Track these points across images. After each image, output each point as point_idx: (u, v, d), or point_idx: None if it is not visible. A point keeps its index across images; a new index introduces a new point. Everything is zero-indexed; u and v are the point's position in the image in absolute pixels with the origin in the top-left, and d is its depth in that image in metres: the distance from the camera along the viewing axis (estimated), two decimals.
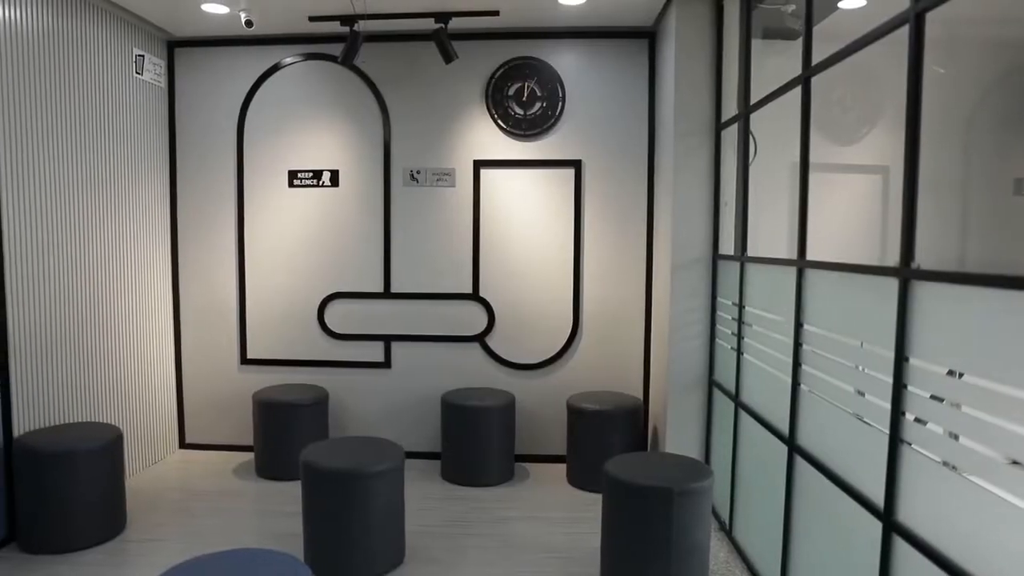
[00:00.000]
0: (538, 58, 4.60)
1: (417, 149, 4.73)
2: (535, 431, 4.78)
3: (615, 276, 4.69)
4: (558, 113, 4.61)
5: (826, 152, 2.94)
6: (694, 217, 3.96)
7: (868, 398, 2.18)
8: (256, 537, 3.60)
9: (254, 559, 2.30)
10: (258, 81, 4.77)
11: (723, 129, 3.81)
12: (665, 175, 4.19)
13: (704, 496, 2.95)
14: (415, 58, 4.66)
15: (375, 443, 3.47)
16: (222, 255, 4.90)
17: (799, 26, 2.75)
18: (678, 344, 4.00)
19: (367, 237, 4.78)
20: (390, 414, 4.87)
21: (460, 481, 4.37)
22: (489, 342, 4.77)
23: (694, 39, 3.87)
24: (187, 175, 4.88)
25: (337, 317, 4.84)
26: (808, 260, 2.63)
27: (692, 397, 4.02)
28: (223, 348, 4.95)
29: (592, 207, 4.67)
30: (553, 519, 3.86)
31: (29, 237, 3.61)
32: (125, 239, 4.39)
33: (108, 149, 4.21)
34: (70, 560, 3.32)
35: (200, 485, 4.34)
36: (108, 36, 4.19)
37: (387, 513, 3.22)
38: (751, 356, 3.31)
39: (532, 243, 4.70)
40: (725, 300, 3.74)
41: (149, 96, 4.62)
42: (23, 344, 3.57)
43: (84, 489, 3.42)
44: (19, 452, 3.39)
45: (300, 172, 4.79)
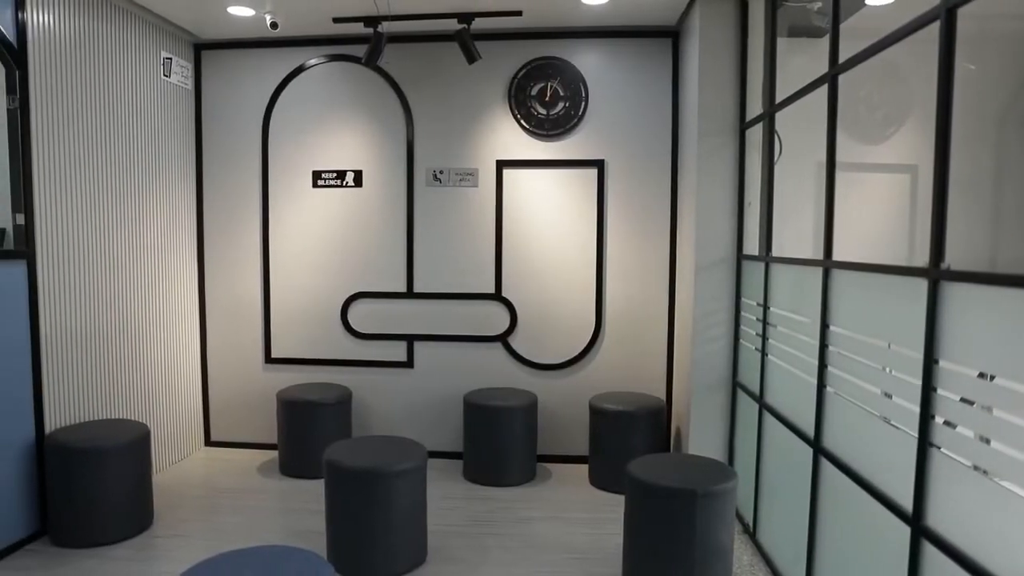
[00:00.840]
0: (561, 58, 4.59)
1: (440, 149, 4.74)
2: (557, 431, 4.78)
3: (638, 276, 4.67)
4: (581, 113, 4.60)
5: (852, 151, 2.90)
6: (718, 217, 3.93)
7: (895, 400, 2.15)
8: (280, 534, 3.63)
9: (278, 556, 2.32)
10: (283, 82, 4.82)
11: (747, 128, 3.77)
12: (689, 175, 4.17)
13: (728, 498, 2.93)
14: (438, 58, 4.67)
15: (398, 442, 3.49)
16: (247, 255, 4.95)
17: (825, 23, 2.72)
18: (702, 345, 3.98)
19: (390, 237, 4.81)
20: (412, 413, 4.89)
21: (482, 481, 4.37)
22: (511, 342, 4.77)
23: (718, 38, 3.84)
24: (213, 176, 4.94)
25: (360, 317, 4.87)
26: (834, 260, 2.60)
27: (716, 398, 3.98)
28: (248, 347, 5.00)
29: (615, 207, 4.65)
30: (575, 519, 3.85)
31: (61, 238, 3.67)
32: (153, 239, 4.45)
33: (136, 150, 4.27)
34: (99, 554, 3.38)
35: (225, 482, 4.39)
36: (137, 40, 4.25)
37: (409, 512, 3.23)
38: (776, 357, 3.27)
39: (555, 243, 4.69)
40: (749, 301, 3.71)
41: (176, 98, 4.68)
42: (54, 342, 3.64)
43: (112, 485, 3.48)
44: (51, 448, 3.45)
45: (324, 172, 4.83)
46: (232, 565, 2.25)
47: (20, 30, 3.40)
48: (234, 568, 2.23)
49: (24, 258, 3.45)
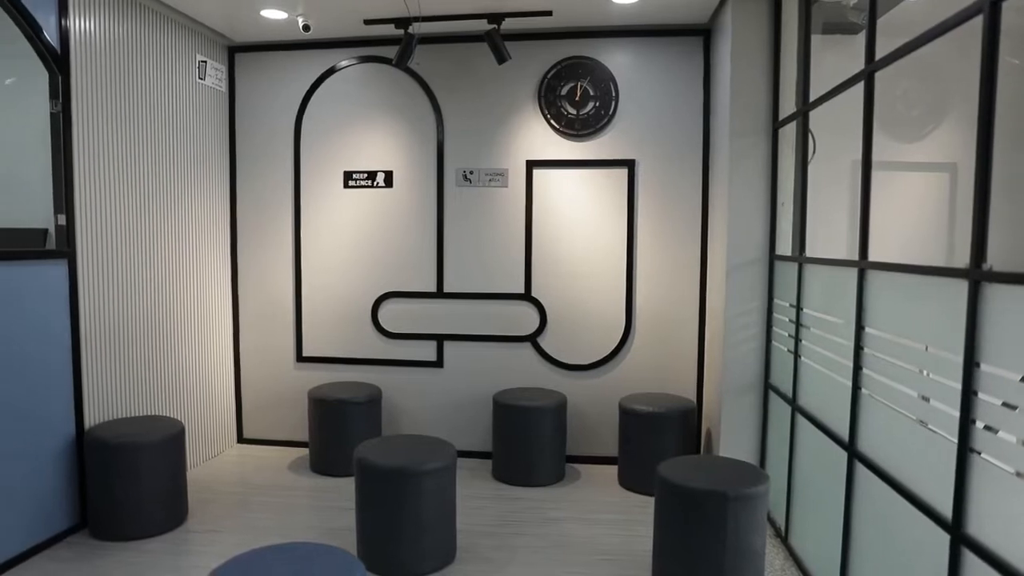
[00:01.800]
0: (591, 57, 4.58)
1: (470, 149, 4.76)
2: (587, 432, 4.76)
3: (669, 277, 4.64)
4: (611, 113, 4.58)
5: (889, 149, 2.85)
6: (750, 217, 3.88)
7: (933, 404, 2.11)
8: (310, 532, 3.67)
9: (310, 553, 2.35)
10: (314, 84, 4.87)
11: (780, 127, 3.72)
12: (720, 174, 4.12)
13: (760, 501, 2.89)
14: (468, 59, 4.69)
15: (428, 441, 3.51)
16: (279, 255, 5.02)
17: (861, 20, 2.67)
18: (733, 346, 3.93)
19: (420, 237, 4.83)
20: (442, 413, 4.91)
21: (511, 481, 4.37)
22: (541, 342, 4.77)
23: (750, 36, 3.80)
24: (246, 177, 5.01)
25: (390, 316, 4.91)
26: (870, 261, 2.55)
27: (747, 400, 3.94)
28: (280, 346, 5.07)
29: (645, 207, 4.63)
30: (604, 521, 3.84)
31: (100, 238, 3.76)
32: (188, 239, 4.53)
33: (172, 152, 4.35)
34: (136, 547, 3.45)
35: (257, 479, 4.45)
36: (173, 43, 4.33)
37: (439, 511, 3.24)
38: (809, 359, 3.22)
39: (584, 243, 4.68)
40: (782, 301, 3.66)
41: (211, 100, 4.76)
42: (94, 341, 3.72)
43: (149, 480, 3.55)
44: (90, 443, 3.53)
45: (355, 173, 4.87)
46: (265, 561, 2.28)
47: (63, 36, 3.48)
48: (267, 564, 2.26)
49: (65, 258, 3.53)
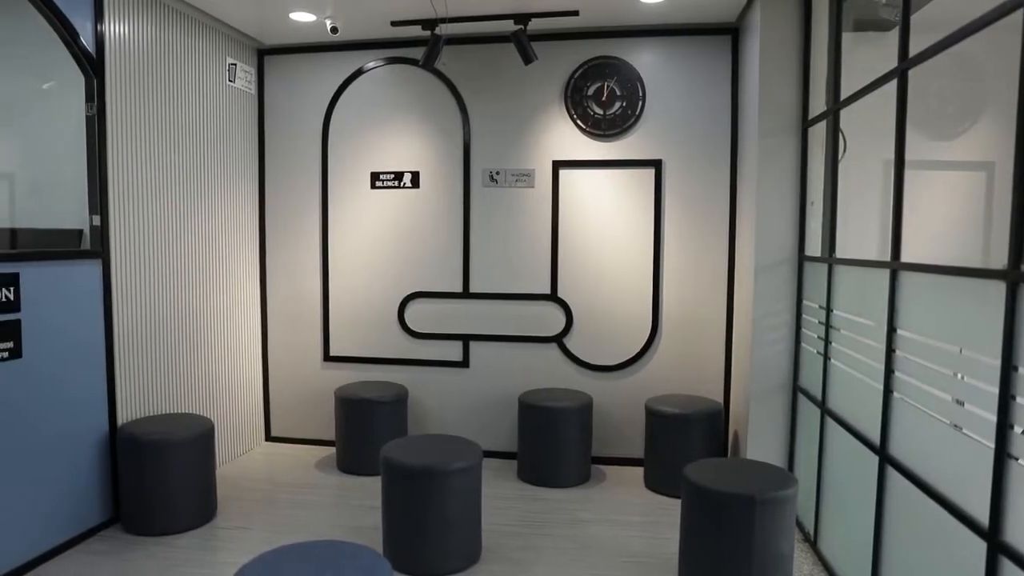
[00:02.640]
0: (618, 57, 4.56)
1: (496, 150, 4.76)
2: (612, 433, 4.74)
3: (696, 277, 4.60)
4: (638, 112, 4.55)
5: (922, 148, 2.80)
6: (779, 217, 3.84)
7: (968, 408, 2.06)
8: (337, 529, 3.70)
9: (336, 551, 2.37)
10: (342, 86, 4.91)
11: (810, 126, 3.67)
12: (748, 174, 4.08)
13: (788, 505, 2.86)
14: (495, 60, 4.69)
15: (453, 441, 3.52)
16: (307, 255, 5.06)
17: (894, 16, 2.63)
18: (761, 348, 3.89)
19: (447, 238, 4.85)
20: (468, 413, 4.92)
21: (536, 481, 4.37)
22: (567, 343, 4.75)
23: (779, 34, 3.75)
24: (275, 178, 5.07)
25: (417, 316, 4.93)
26: (903, 262, 2.51)
27: (775, 402, 3.89)
28: (307, 345, 5.12)
29: (672, 207, 4.59)
30: (630, 523, 3.82)
31: (132, 238, 3.82)
32: (218, 239, 4.59)
33: (202, 154, 4.42)
34: (166, 543, 3.50)
35: (284, 477, 4.50)
36: (204, 47, 4.40)
37: (464, 511, 3.25)
38: (839, 361, 3.18)
39: (611, 244, 4.66)
40: (811, 303, 3.61)
41: (240, 102, 4.82)
42: (126, 340, 3.79)
43: (179, 477, 3.60)
44: (122, 440, 3.60)
45: (382, 174, 4.90)
46: (292, 559, 2.30)
47: (98, 41, 3.55)
48: (294, 562, 2.28)
49: (99, 258, 3.60)
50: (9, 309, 3.08)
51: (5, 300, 3.06)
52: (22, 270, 3.15)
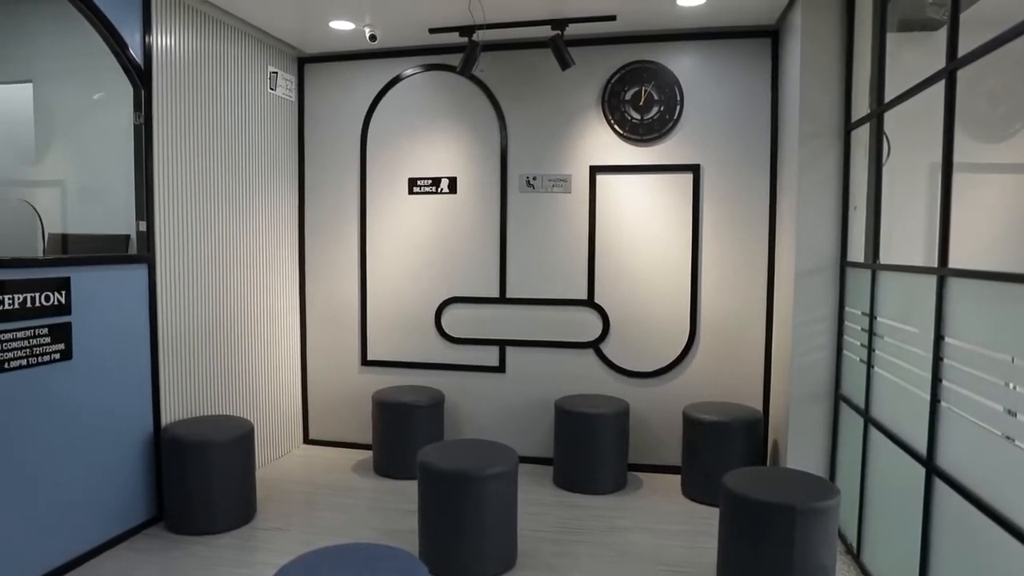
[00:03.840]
0: (655, 61, 4.53)
1: (533, 155, 4.77)
2: (649, 440, 4.70)
3: (734, 283, 4.54)
4: (676, 117, 4.52)
5: (971, 151, 2.72)
6: (820, 222, 3.77)
7: (1021, 419, 2.00)
8: (374, 532, 3.73)
9: (374, 554, 2.39)
10: (380, 92, 4.97)
11: (853, 129, 3.60)
12: (789, 179, 4.02)
13: (829, 516, 2.80)
14: (532, 65, 4.70)
15: (490, 446, 3.52)
16: (345, 260, 5.13)
17: (942, 15, 2.57)
18: (802, 355, 3.82)
19: (483, 243, 4.87)
20: (504, 418, 4.92)
21: (572, 488, 4.35)
22: (604, 349, 4.73)
23: (821, 35, 3.69)
24: (314, 184, 5.15)
25: (453, 321, 4.95)
26: (950, 268, 2.44)
27: (816, 411, 3.82)
28: (345, 349, 5.17)
29: (711, 212, 4.55)
30: (667, 531, 3.78)
31: (177, 243, 3.92)
32: (258, 245, 4.68)
33: (244, 161, 4.51)
34: (207, 542, 3.57)
35: (322, 480, 4.55)
36: (246, 56, 4.49)
37: (500, 516, 3.25)
38: (883, 369, 3.10)
39: (648, 249, 4.63)
40: (854, 309, 3.53)
41: (281, 110, 4.91)
42: (170, 342, 3.88)
43: (220, 477, 3.67)
44: (166, 440, 3.68)
45: (419, 179, 4.94)
46: (330, 560, 2.32)
47: (146, 52, 3.65)
48: (332, 563, 2.30)
49: (145, 263, 3.69)
50: (61, 312, 3.17)
51: (57, 304, 3.15)
52: (73, 274, 3.24)
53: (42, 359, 3.09)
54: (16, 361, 2.97)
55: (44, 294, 3.09)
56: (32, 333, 3.04)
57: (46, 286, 3.11)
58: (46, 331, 3.10)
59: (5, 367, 2.92)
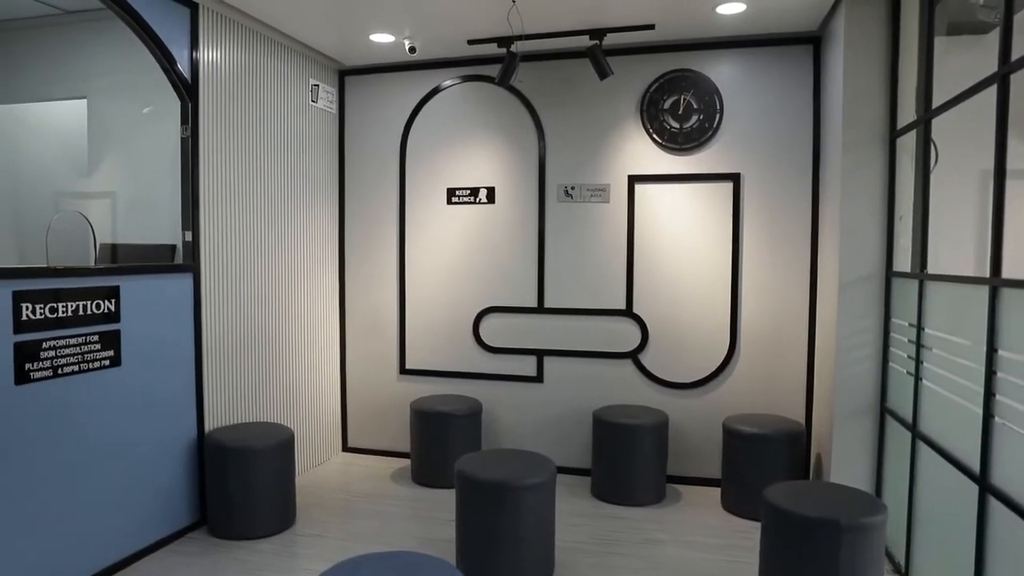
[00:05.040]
0: (694, 70, 4.50)
1: (572, 165, 4.76)
2: (688, 452, 4.64)
3: (775, 293, 4.47)
4: (715, 125, 4.48)
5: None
6: (864, 231, 3.69)
7: None
8: (411, 541, 3.74)
9: (412, 562, 2.39)
10: (419, 104, 5.02)
11: (898, 137, 3.53)
12: (832, 187, 3.95)
13: (876, 532, 2.72)
14: (570, 75, 4.71)
15: (527, 456, 3.51)
16: (384, 269, 5.18)
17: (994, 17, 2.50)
18: (846, 367, 3.74)
19: (522, 253, 4.87)
20: (541, 428, 4.91)
21: (610, 499, 4.31)
22: (642, 359, 4.69)
23: (865, 41, 3.63)
24: (354, 194, 5.21)
25: (491, 331, 4.96)
26: (1004, 278, 2.37)
27: (861, 424, 3.73)
28: (384, 358, 5.22)
29: (751, 221, 4.49)
30: (707, 545, 3.72)
31: (221, 253, 4.00)
32: (299, 254, 4.75)
33: (286, 172, 4.59)
34: (248, 547, 3.62)
35: (360, 487, 4.58)
36: (289, 70, 4.58)
37: (538, 527, 3.23)
38: (931, 383, 3.02)
39: (688, 259, 4.58)
40: (900, 321, 3.45)
41: (322, 122, 4.99)
42: (214, 350, 3.96)
43: (261, 483, 3.72)
44: (209, 446, 3.75)
45: (458, 189, 4.97)
46: (369, 568, 2.34)
47: (193, 67, 3.75)
48: (371, 572, 2.31)
49: (191, 272, 3.78)
50: (111, 320, 3.26)
51: (107, 312, 3.24)
52: (122, 283, 3.33)
53: (93, 365, 3.18)
54: (69, 367, 3.06)
55: (95, 302, 3.19)
56: (84, 340, 3.13)
57: (97, 294, 3.20)
58: (96, 338, 3.19)
59: (59, 372, 3.01)
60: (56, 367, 3.00)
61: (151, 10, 3.46)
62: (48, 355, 2.97)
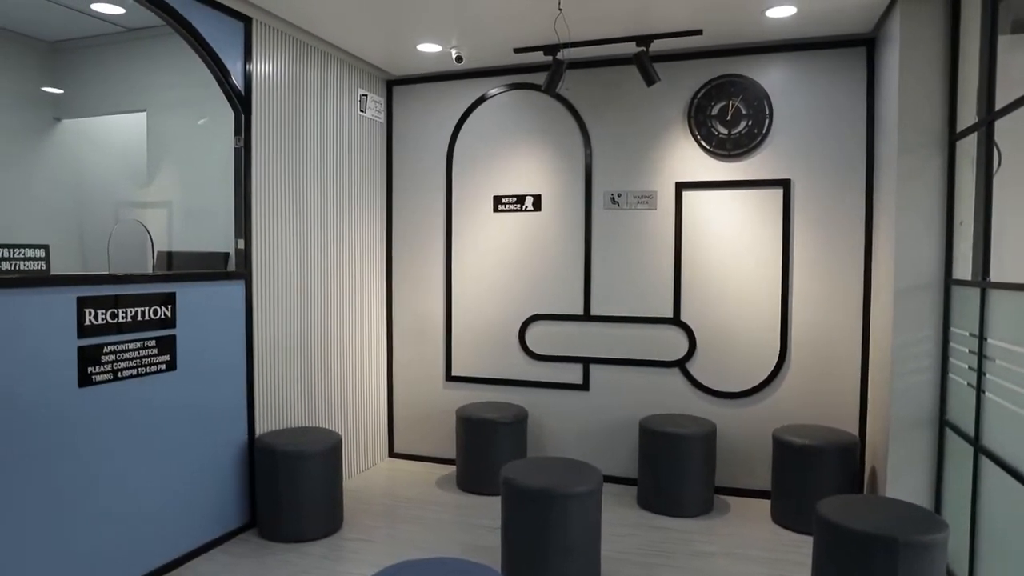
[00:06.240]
0: (743, 75, 4.43)
1: (618, 172, 4.74)
2: (737, 463, 4.55)
3: (827, 301, 4.36)
4: (765, 131, 4.40)
5: None
6: (921, 238, 3.58)
7: None
8: (457, 547, 3.75)
9: (458, 568, 2.39)
10: (466, 112, 5.06)
11: (958, 140, 3.42)
12: (886, 192, 3.84)
13: (936, 551, 2.63)
14: (616, 82, 4.69)
15: (574, 464, 3.49)
16: (431, 277, 5.22)
17: None
18: (902, 377, 3.62)
19: (568, 260, 4.86)
20: (587, 436, 4.87)
21: (657, 509, 4.25)
22: (690, 368, 4.63)
23: (922, 42, 3.52)
24: (401, 202, 5.28)
25: (537, 338, 4.96)
26: None
27: (919, 437, 3.60)
28: (430, 365, 5.25)
29: (802, 228, 4.39)
30: (756, 558, 3.64)
31: (271, 260, 4.09)
32: (348, 262, 4.83)
33: (335, 181, 4.67)
34: (297, 550, 3.67)
35: (406, 493, 4.62)
36: (338, 80, 4.66)
37: (584, 536, 3.21)
38: (996, 395, 2.90)
39: (737, 266, 4.51)
40: (960, 330, 3.33)
41: (370, 131, 5.07)
42: (264, 355, 4.04)
43: (310, 487, 3.78)
44: (259, 449, 3.82)
45: (504, 197, 4.99)
46: (415, 574, 2.35)
47: (247, 79, 3.85)
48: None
49: (243, 279, 3.87)
50: (167, 326, 3.36)
51: (163, 317, 3.34)
52: (178, 289, 3.43)
53: (150, 369, 3.28)
54: (128, 370, 3.16)
55: (153, 308, 3.29)
56: (142, 344, 3.23)
57: (154, 300, 3.30)
58: (154, 343, 3.29)
59: (118, 375, 3.11)
60: (116, 370, 3.10)
61: (207, 25, 3.57)
62: (108, 359, 3.07)
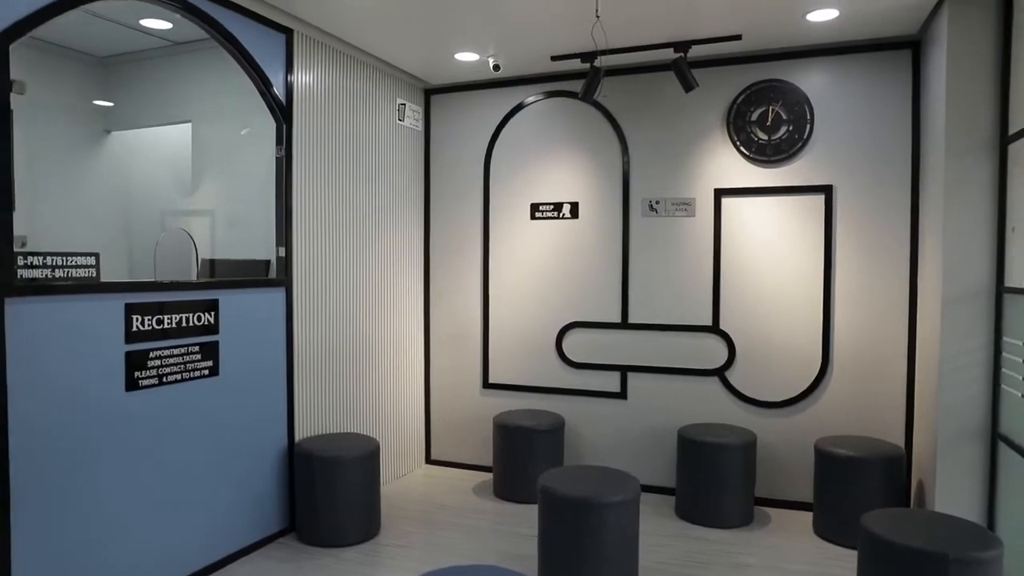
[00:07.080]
0: (783, 80, 4.37)
1: (656, 179, 4.71)
2: (778, 474, 4.46)
3: (871, 309, 4.26)
4: (806, 136, 4.33)
5: None
6: (971, 244, 3.48)
7: None
8: (493, 555, 3.74)
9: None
10: (503, 120, 5.08)
11: (1010, 143, 3.32)
12: (934, 198, 3.74)
13: (991, 569, 2.54)
14: (654, 89, 4.66)
15: (611, 473, 3.46)
16: (469, 284, 5.24)
17: None
18: (951, 388, 3.52)
19: (605, 268, 4.84)
20: (624, 445, 4.83)
21: (695, 520, 4.19)
22: (729, 376, 4.56)
23: (971, 43, 3.43)
24: (439, 210, 5.31)
25: (575, 346, 4.94)
26: None
27: (969, 450, 3.49)
28: (467, 372, 5.27)
29: (845, 235, 4.30)
30: (798, 571, 3.56)
31: (311, 268, 4.14)
32: (386, 269, 4.87)
33: (373, 189, 4.72)
34: (334, 554, 3.71)
35: (443, 500, 4.63)
36: (377, 90, 4.72)
37: (621, 545, 3.18)
38: None
39: (777, 274, 4.44)
40: (1014, 340, 3.22)
41: (409, 140, 5.12)
42: (304, 361, 4.09)
43: (348, 492, 3.81)
44: (299, 455, 3.87)
45: (541, 205, 4.99)
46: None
47: (288, 90, 3.92)
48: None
49: (283, 286, 3.93)
50: (210, 332, 3.43)
51: (207, 324, 3.41)
52: (221, 296, 3.50)
53: (194, 374, 3.35)
54: (173, 375, 3.23)
55: (196, 314, 3.36)
56: (186, 350, 3.30)
57: (198, 307, 3.37)
58: (197, 349, 3.36)
59: (163, 380, 3.19)
60: (161, 375, 3.18)
61: (250, 37, 3.65)
62: (154, 364, 3.15)
